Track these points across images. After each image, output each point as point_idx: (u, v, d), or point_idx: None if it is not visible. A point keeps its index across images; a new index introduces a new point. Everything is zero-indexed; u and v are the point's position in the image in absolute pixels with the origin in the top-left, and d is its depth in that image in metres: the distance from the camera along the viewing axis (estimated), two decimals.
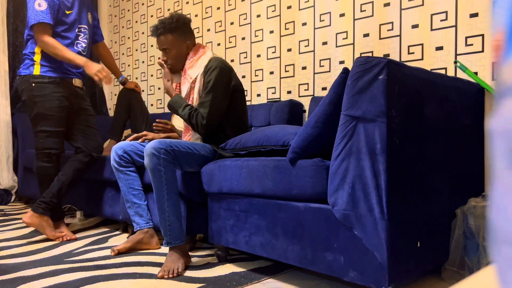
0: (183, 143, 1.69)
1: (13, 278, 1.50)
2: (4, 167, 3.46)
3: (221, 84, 1.81)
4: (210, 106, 1.78)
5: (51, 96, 2.17)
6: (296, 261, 1.36)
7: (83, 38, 2.32)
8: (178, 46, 1.92)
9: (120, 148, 1.97)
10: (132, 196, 1.95)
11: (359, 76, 1.16)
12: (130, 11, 3.93)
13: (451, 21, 1.87)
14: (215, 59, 1.85)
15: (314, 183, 1.28)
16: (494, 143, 0.21)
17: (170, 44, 1.91)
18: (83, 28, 2.32)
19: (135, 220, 1.94)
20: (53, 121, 2.18)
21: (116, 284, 1.44)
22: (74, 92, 2.29)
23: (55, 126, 2.19)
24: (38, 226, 2.09)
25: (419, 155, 1.26)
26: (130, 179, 1.97)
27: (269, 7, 2.66)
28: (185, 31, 1.94)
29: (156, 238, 1.95)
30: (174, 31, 1.91)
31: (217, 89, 1.80)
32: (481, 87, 1.66)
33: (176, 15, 1.93)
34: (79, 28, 2.30)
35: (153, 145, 1.58)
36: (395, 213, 1.15)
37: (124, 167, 1.96)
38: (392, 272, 1.13)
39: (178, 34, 1.92)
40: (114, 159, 1.96)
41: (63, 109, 2.21)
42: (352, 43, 2.23)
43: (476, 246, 1.34)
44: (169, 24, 1.90)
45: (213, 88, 1.79)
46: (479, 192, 1.59)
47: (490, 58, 1.75)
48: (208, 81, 1.81)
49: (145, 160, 1.59)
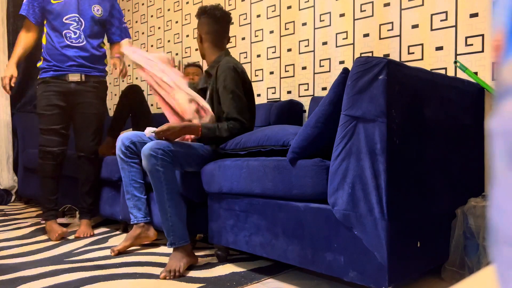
0: (181, 143, 1.69)
1: (13, 278, 1.50)
2: (4, 167, 3.46)
3: (239, 85, 1.78)
4: (241, 107, 1.75)
5: (42, 96, 2.25)
6: (296, 261, 1.36)
7: (74, 28, 2.25)
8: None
9: (127, 138, 1.95)
10: (133, 188, 1.95)
11: (359, 76, 1.16)
12: (130, 11, 3.93)
13: (451, 21, 1.87)
14: (227, 60, 1.82)
15: (314, 183, 1.28)
16: (494, 143, 0.21)
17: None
18: (76, 18, 2.25)
19: (133, 212, 1.94)
20: (45, 119, 2.25)
21: (116, 284, 1.44)
22: (67, 88, 2.26)
23: (47, 124, 2.24)
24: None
25: (419, 155, 1.26)
26: (133, 171, 1.96)
27: (269, 7, 2.66)
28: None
29: (152, 229, 1.96)
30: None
31: (235, 88, 1.76)
32: (481, 87, 1.66)
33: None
34: (67, 18, 2.24)
35: (150, 146, 1.57)
36: (395, 213, 1.15)
37: (129, 158, 1.95)
38: (392, 272, 1.13)
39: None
40: (120, 149, 1.95)
41: (53, 107, 2.24)
42: (352, 43, 2.23)
43: (476, 246, 1.34)
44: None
45: (235, 91, 1.76)
46: (479, 192, 1.59)
47: (490, 58, 1.75)
48: (224, 86, 1.77)
49: (143, 162, 1.59)
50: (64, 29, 2.24)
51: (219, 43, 1.94)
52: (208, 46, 1.93)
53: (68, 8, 2.24)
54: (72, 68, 2.26)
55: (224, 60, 1.84)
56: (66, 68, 2.25)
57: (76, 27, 2.26)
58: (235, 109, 1.74)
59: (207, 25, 1.91)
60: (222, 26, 1.93)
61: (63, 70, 2.25)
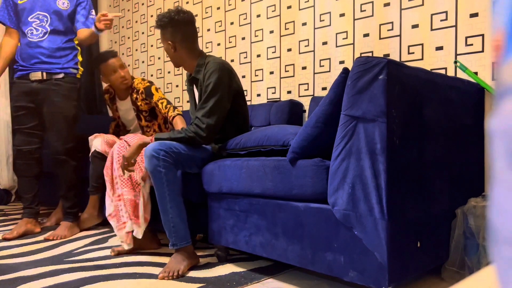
0: (183, 145, 1.68)
1: (13, 278, 1.50)
2: (4, 167, 3.46)
3: (221, 87, 1.72)
4: (210, 111, 1.68)
5: (11, 98, 2.34)
6: (296, 261, 1.36)
7: (37, 25, 2.22)
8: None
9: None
10: None
11: (359, 76, 1.16)
12: (130, 11, 3.93)
13: (451, 21, 1.87)
14: (213, 61, 1.76)
15: (314, 183, 1.28)
16: (494, 143, 0.21)
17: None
18: (40, 16, 2.22)
19: None
20: (15, 120, 2.32)
21: (116, 284, 1.44)
22: (30, 88, 2.24)
23: (17, 124, 2.31)
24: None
25: (419, 155, 1.26)
26: None
27: (269, 7, 2.66)
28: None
29: (156, 238, 1.95)
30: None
31: (218, 92, 1.70)
32: (481, 87, 1.66)
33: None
34: (32, 16, 2.22)
35: (152, 147, 1.57)
36: (395, 213, 1.15)
37: None
38: (392, 272, 1.13)
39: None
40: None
41: (19, 108, 2.27)
42: (352, 43, 2.23)
43: (476, 246, 1.34)
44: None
45: (213, 92, 1.70)
46: (479, 192, 1.59)
47: (490, 58, 1.75)
48: (207, 84, 1.72)
49: (145, 163, 1.59)
50: (27, 27, 2.23)
51: (194, 46, 1.86)
52: (185, 52, 1.83)
53: (33, 6, 2.23)
54: (34, 67, 2.23)
55: (211, 59, 1.77)
56: (29, 67, 2.24)
57: (39, 24, 2.23)
58: (202, 109, 1.69)
59: (179, 32, 1.80)
60: (193, 27, 1.85)
61: (26, 69, 2.24)
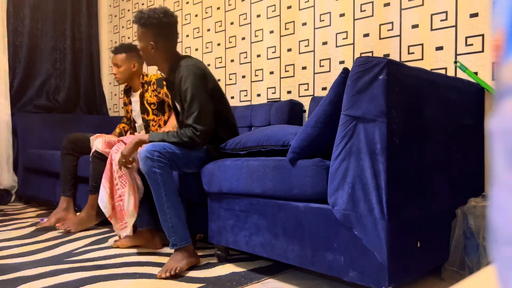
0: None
1: (13, 278, 1.50)
2: (4, 167, 3.46)
3: (199, 91, 1.69)
4: (199, 116, 1.66)
5: None
6: (296, 261, 1.36)
7: None
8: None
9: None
10: None
11: (359, 76, 1.16)
12: (130, 11, 3.93)
13: (451, 21, 1.87)
14: (185, 64, 1.72)
15: (314, 183, 1.28)
16: (494, 143, 0.21)
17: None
18: None
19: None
20: None
21: (116, 284, 1.44)
22: None
23: None
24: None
25: (419, 155, 1.26)
26: None
27: (269, 7, 2.66)
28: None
29: (158, 239, 1.96)
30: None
31: (197, 96, 1.68)
32: (481, 87, 1.66)
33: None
34: None
35: (146, 149, 1.57)
36: (395, 213, 1.15)
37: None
38: (392, 272, 1.13)
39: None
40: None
41: None
42: (352, 43, 2.23)
43: (476, 246, 1.34)
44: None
45: (193, 97, 1.67)
46: (479, 192, 1.59)
47: (490, 58, 1.75)
48: (185, 90, 1.69)
49: (140, 165, 1.59)
50: None
51: (174, 49, 1.84)
52: (164, 54, 1.81)
53: None
54: None
55: (182, 62, 1.75)
56: None
57: None
58: (191, 116, 1.67)
59: (163, 34, 1.78)
60: (176, 30, 1.83)
61: None
